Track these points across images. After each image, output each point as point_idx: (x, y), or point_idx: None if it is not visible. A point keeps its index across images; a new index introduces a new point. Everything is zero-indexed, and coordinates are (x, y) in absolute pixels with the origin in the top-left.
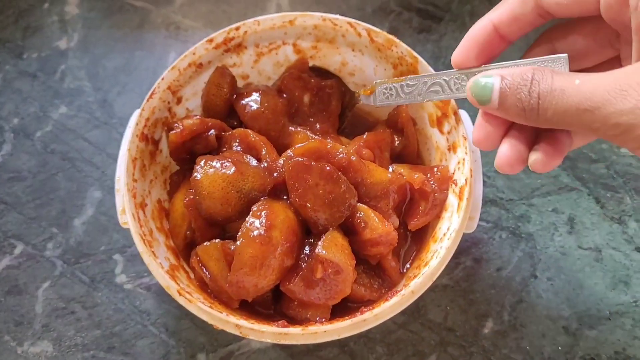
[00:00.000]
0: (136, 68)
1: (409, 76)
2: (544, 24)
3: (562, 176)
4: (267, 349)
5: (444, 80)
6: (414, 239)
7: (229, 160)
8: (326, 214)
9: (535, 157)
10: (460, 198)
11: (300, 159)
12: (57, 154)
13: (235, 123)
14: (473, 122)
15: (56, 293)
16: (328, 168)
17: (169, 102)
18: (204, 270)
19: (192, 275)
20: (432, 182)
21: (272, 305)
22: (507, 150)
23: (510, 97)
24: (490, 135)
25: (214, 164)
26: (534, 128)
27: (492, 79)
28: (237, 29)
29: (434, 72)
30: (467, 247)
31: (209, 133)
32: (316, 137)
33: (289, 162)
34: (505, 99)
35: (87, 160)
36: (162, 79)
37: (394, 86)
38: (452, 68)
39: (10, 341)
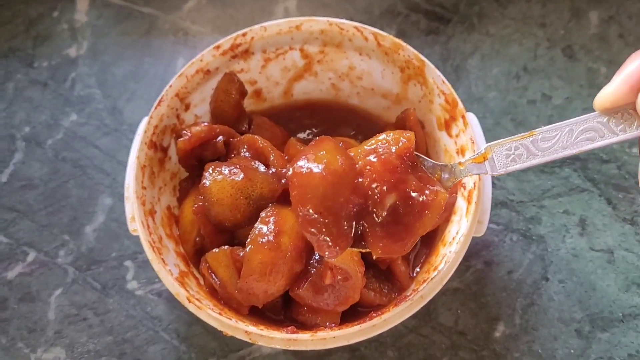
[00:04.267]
0: (145, 74)
1: (540, 128)
2: None
3: (573, 177)
4: (277, 354)
5: (599, 122)
6: (423, 243)
7: (238, 166)
8: None
9: None
10: (468, 202)
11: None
12: (68, 162)
13: (244, 129)
14: (481, 124)
15: (68, 300)
16: None
17: (177, 109)
18: (214, 277)
19: (202, 282)
20: None
21: (282, 311)
22: None
23: None
24: None
25: (222, 170)
26: None
27: None
28: (244, 35)
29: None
30: (477, 250)
31: (217, 139)
32: None
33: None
34: None
35: (98, 167)
36: (170, 86)
37: (521, 144)
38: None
39: (23, 348)
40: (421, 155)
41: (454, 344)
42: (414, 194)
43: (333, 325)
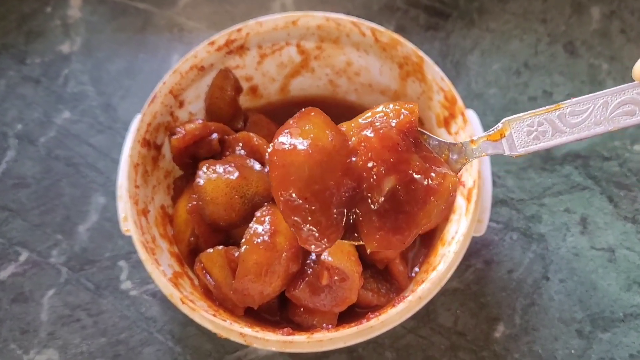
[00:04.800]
0: (140, 71)
1: (568, 100)
2: None
3: (574, 175)
4: (274, 355)
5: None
6: (422, 243)
7: (232, 164)
8: None
9: None
10: (468, 200)
11: None
12: (62, 160)
13: (240, 126)
14: (482, 122)
15: (61, 300)
16: None
17: (170, 107)
18: (208, 278)
19: (196, 282)
20: None
21: (279, 312)
22: None
23: None
24: None
25: (217, 169)
26: None
27: None
28: (239, 30)
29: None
30: (477, 249)
31: (212, 137)
32: None
33: None
34: None
35: (92, 165)
36: (164, 83)
37: (545, 119)
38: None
39: (16, 349)
40: (426, 131)
41: (453, 344)
42: (417, 177)
43: (330, 326)
